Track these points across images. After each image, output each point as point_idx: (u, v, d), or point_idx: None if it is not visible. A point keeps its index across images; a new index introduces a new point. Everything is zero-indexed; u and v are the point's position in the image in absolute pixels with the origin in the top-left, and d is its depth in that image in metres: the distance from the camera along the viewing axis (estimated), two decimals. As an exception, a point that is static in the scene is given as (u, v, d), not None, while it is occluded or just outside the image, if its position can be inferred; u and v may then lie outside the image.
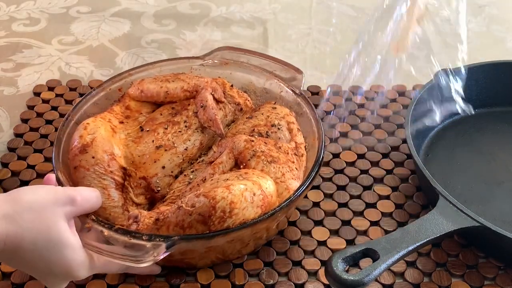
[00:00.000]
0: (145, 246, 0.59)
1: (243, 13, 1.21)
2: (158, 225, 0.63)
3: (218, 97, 0.77)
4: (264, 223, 0.64)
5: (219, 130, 0.75)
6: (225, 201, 0.61)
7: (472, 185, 0.81)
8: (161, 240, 0.60)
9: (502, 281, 0.70)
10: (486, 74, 0.92)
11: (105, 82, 0.82)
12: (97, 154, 0.69)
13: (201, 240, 0.62)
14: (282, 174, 0.69)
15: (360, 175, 0.83)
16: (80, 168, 0.69)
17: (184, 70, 0.84)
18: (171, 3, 1.23)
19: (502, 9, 1.26)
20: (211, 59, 0.85)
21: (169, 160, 0.73)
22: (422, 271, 0.71)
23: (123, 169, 0.71)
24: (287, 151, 0.72)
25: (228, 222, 0.62)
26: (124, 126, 0.76)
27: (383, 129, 0.91)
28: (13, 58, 1.05)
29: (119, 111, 0.78)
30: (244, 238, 0.67)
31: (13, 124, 0.90)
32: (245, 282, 0.69)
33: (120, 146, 0.73)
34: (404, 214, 0.78)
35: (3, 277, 0.69)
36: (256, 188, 0.64)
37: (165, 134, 0.74)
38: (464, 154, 0.86)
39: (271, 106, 0.79)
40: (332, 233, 0.75)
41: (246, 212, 0.63)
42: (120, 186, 0.70)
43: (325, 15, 1.22)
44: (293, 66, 0.83)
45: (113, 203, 0.69)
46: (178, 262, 0.69)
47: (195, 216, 0.62)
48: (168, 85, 0.79)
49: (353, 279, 0.58)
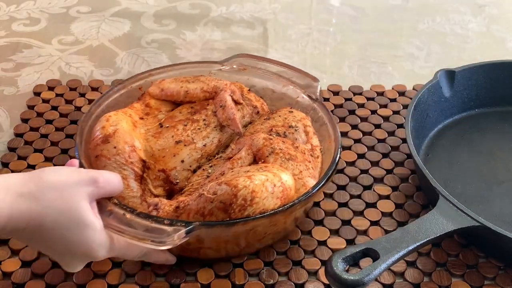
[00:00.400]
0: (166, 230, 0.61)
1: (243, 13, 1.21)
2: (178, 212, 0.65)
3: (237, 99, 0.80)
4: (283, 214, 0.66)
5: (238, 128, 0.77)
6: (247, 190, 0.63)
7: (472, 185, 0.81)
8: (182, 225, 0.61)
9: (502, 281, 0.70)
10: (486, 74, 0.92)
11: (126, 80, 0.84)
12: (118, 145, 0.71)
13: (221, 227, 0.63)
14: (300, 171, 0.70)
15: (360, 175, 0.83)
16: (102, 158, 0.71)
17: (203, 73, 0.85)
18: (171, 3, 1.23)
19: (502, 9, 1.26)
20: (230, 65, 0.87)
21: (188, 155, 0.74)
22: (422, 271, 0.71)
23: (143, 162, 0.73)
24: (304, 151, 0.74)
25: (249, 211, 0.63)
26: (144, 122, 0.78)
27: (383, 129, 0.91)
28: (13, 58, 1.05)
29: (139, 108, 0.80)
30: (262, 230, 0.68)
31: (13, 124, 0.90)
32: (245, 282, 0.69)
33: (140, 139, 0.75)
34: (404, 214, 0.78)
35: (4, 277, 0.69)
36: (276, 179, 0.65)
37: (185, 131, 0.76)
38: (464, 154, 0.86)
39: (288, 110, 0.81)
40: (332, 233, 0.75)
41: (266, 202, 0.64)
42: (139, 178, 0.72)
43: (325, 15, 1.22)
44: (309, 74, 0.85)
45: (132, 193, 0.70)
46: (195, 252, 0.69)
47: (216, 204, 0.63)
48: (188, 85, 0.81)
49: (353, 279, 0.58)
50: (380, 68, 1.07)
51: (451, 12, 1.24)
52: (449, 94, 0.90)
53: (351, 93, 0.98)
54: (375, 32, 1.17)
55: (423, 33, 1.17)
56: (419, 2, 1.27)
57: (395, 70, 1.07)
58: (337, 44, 1.13)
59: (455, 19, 1.22)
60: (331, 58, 1.09)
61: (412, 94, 0.97)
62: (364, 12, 1.23)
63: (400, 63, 1.09)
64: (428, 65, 1.08)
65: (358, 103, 0.95)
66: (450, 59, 1.11)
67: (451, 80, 0.90)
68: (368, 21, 1.20)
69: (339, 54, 1.10)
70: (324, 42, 1.14)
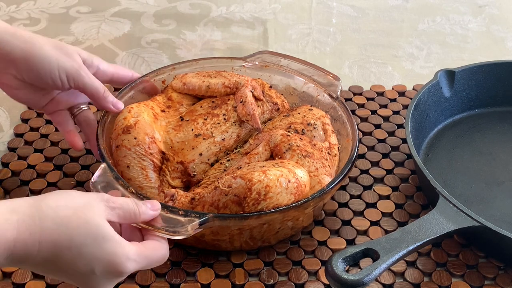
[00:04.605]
0: (180, 220, 0.62)
1: (243, 13, 1.21)
2: (193, 204, 0.66)
3: (257, 95, 0.80)
4: (296, 210, 0.66)
5: (257, 124, 0.77)
6: (261, 184, 0.64)
7: (472, 185, 0.81)
8: (196, 216, 0.62)
9: (502, 281, 0.70)
10: (486, 74, 0.92)
11: (150, 73, 0.85)
12: (139, 136, 0.72)
13: (234, 220, 0.64)
14: (316, 168, 0.71)
15: (360, 175, 0.83)
16: (122, 147, 0.72)
17: (225, 69, 0.86)
18: (171, 3, 1.23)
19: (502, 9, 1.26)
20: (252, 61, 0.87)
21: (206, 148, 0.75)
22: (422, 271, 0.71)
23: (162, 153, 0.74)
24: (321, 149, 0.74)
25: (262, 205, 0.64)
26: (165, 114, 0.79)
27: (383, 129, 0.91)
28: (13, 58, 1.05)
29: (161, 100, 0.81)
30: (275, 224, 0.68)
31: (13, 124, 0.90)
32: (245, 282, 0.69)
33: (161, 131, 0.76)
34: (404, 214, 0.78)
35: (4, 277, 0.69)
36: (291, 175, 0.66)
37: (204, 124, 0.77)
38: (464, 154, 0.86)
39: (308, 107, 0.81)
40: (332, 233, 0.75)
41: (280, 197, 0.65)
42: (157, 169, 0.73)
43: (325, 15, 1.22)
44: (330, 73, 0.85)
45: (150, 184, 0.72)
46: (209, 244, 0.70)
47: (231, 197, 0.64)
48: (210, 80, 0.82)
49: (353, 279, 0.59)
50: (380, 68, 1.07)
51: (451, 12, 1.24)
52: (449, 94, 0.90)
53: (351, 93, 0.98)
54: (375, 32, 1.17)
55: (423, 33, 1.17)
56: (419, 2, 1.27)
57: (395, 70, 1.07)
58: (337, 44, 1.14)
59: (455, 19, 1.22)
60: (331, 58, 1.09)
61: (412, 94, 0.98)
62: (364, 12, 1.23)
63: (400, 63, 1.09)
64: (428, 65, 1.08)
65: (358, 103, 0.95)
66: (450, 59, 1.11)
67: (451, 80, 0.90)
68: (368, 21, 1.20)
69: (339, 54, 1.10)
70: (324, 42, 1.14)
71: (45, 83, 0.72)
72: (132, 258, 0.55)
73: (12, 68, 0.70)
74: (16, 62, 0.70)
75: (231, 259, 0.71)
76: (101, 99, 0.74)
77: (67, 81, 0.72)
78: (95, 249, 0.53)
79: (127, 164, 0.72)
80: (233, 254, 0.72)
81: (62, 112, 0.78)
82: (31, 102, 0.76)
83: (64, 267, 0.53)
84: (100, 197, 0.56)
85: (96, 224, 0.54)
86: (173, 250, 0.72)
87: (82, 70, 0.72)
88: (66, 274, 0.55)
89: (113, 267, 0.54)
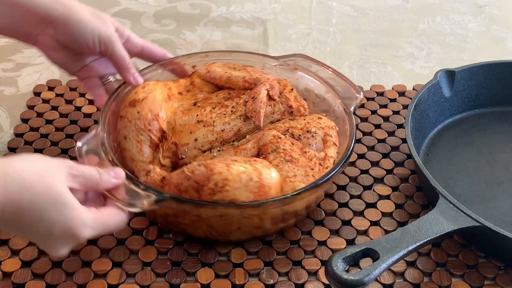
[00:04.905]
0: (139, 194, 0.64)
1: (243, 13, 1.21)
2: (163, 183, 0.68)
3: (272, 95, 0.80)
4: (254, 210, 0.66)
5: (259, 121, 0.77)
6: (221, 176, 0.65)
7: (472, 185, 0.81)
8: (154, 193, 0.64)
9: (502, 281, 0.70)
10: (486, 74, 0.92)
11: (182, 56, 0.87)
12: (142, 111, 0.75)
13: (188, 205, 0.66)
14: (294, 175, 0.70)
15: (360, 175, 0.83)
16: (124, 119, 0.76)
17: (257, 65, 0.87)
18: (171, 3, 1.23)
19: (502, 9, 1.26)
20: (285, 62, 0.87)
21: (203, 135, 0.76)
22: (422, 271, 0.71)
23: (163, 132, 0.76)
24: (311, 158, 0.73)
25: (218, 196, 0.65)
26: (181, 97, 0.82)
27: (383, 129, 0.91)
28: (13, 58, 1.05)
29: (183, 83, 0.84)
30: (233, 219, 0.69)
31: (13, 124, 0.90)
32: (245, 282, 0.69)
33: (169, 112, 0.78)
34: (404, 214, 0.78)
35: (4, 277, 0.69)
36: (255, 174, 0.66)
37: (210, 113, 0.78)
38: (464, 154, 0.86)
39: (318, 116, 0.80)
40: (332, 233, 0.75)
41: (238, 193, 0.65)
42: (154, 145, 0.76)
43: (325, 15, 1.22)
44: (355, 86, 0.83)
45: (142, 158, 0.74)
46: (175, 226, 0.73)
47: (191, 182, 0.66)
48: (232, 72, 0.83)
49: (353, 279, 0.59)
50: (380, 68, 1.07)
51: (451, 12, 1.24)
52: (449, 94, 0.90)
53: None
54: (375, 32, 1.17)
55: (423, 33, 1.17)
56: (419, 2, 1.27)
57: (395, 70, 1.07)
58: (337, 44, 1.14)
59: (455, 19, 1.22)
60: (331, 58, 1.09)
61: (412, 94, 0.98)
62: (364, 12, 1.23)
63: (400, 63, 1.09)
64: (428, 65, 1.08)
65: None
66: (450, 59, 1.11)
67: (451, 80, 0.90)
68: (368, 21, 1.20)
69: (339, 54, 1.10)
70: (324, 42, 1.14)
71: (79, 46, 0.77)
72: (89, 224, 0.58)
73: (51, 29, 0.75)
74: (55, 24, 0.75)
75: (231, 259, 0.71)
76: (124, 69, 0.80)
77: (98, 45, 0.77)
78: (55, 215, 0.56)
79: (125, 135, 0.75)
80: (233, 254, 0.72)
81: (94, 78, 0.83)
82: (66, 66, 0.81)
83: (25, 228, 0.57)
84: (64, 164, 0.59)
85: (57, 191, 0.56)
86: (173, 250, 0.72)
87: (113, 37, 0.77)
88: (26, 234, 0.59)
89: (70, 232, 0.57)
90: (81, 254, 0.71)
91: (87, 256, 0.71)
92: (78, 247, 0.71)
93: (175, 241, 0.73)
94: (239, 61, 0.87)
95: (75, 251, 0.71)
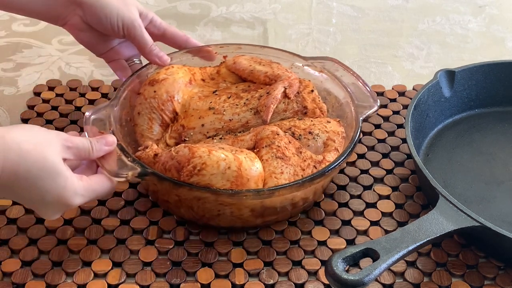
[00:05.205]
0: (126, 164, 0.68)
1: (243, 13, 1.21)
2: (155, 159, 0.71)
3: (288, 93, 0.80)
4: (228, 197, 0.68)
5: (266, 116, 0.78)
6: (200, 160, 0.67)
7: (472, 185, 0.82)
8: (139, 166, 0.68)
9: (502, 281, 0.70)
10: (486, 74, 0.92)
11: (215, 45, 0.90)
12: (159, 91, 0.79)
13: (167, 183, 0.68)
14: (281, 172, 0.70)
15: (360, 175, 0.83)
16: (141, 95, 0.79)
17: (286, 63, 0.87)
18: (171, 3, 1.23)
19: (502, 9, 1.26)
20: (312, 64, 0.88)
21: (211, 122, 0.78)
22: (422, 271, 0.71)
23: (175, 113, 0.79)
24: (306, 159, 0.73)
25: (194, 179, 0.67)
26: (203, 83, 0.84)
27: (383, 129, 0.91)
28: (13, 58, 1.05)
29: (209, 71, 0.86)
30: (210, 204, 0.70)
31: (13, 124, 0.90)
32: (245, 282, 0.69)
33: (186, 95, 0.80)
34: (404, 214, 0.78)
35: (3, 277, 0.69)
36: (234, 164, 0.67)
37: (224, 102, 0.79)
38: (464, 154, 0.86)
39: (327, 119, 0.80)
40: (332, 233, 0.75)
41: (214, 179, 0.67)
42: (165, 125, 0.79)
43: (325, 15, 1.22)
44: (374, 94, 0.82)
45: (151, 135, 0.78)
46: (161, 202, 0.77)
47: (174, 162, 0.68)
48: (256, 66, 0.84)
49: (353, 279, 0.59)
50: (380, 68, 1.07)
51: (451, 12, 1.24)
52: (449, 94, 0.90)
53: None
54: (375, 32, 1.17)
55: (423, 33, 1.17)
56: (419, 2, 1.27)
57: (395, 70, 1.07)
58: (337, 44, 1.14)
59: (455, 19, 1.22)
60: (331, 58, 1.09)
61: (412, 94, 0.98)
62: (364, 12, 1.23)
63: (400, 63, 1.09)
64: (428, 65, 1.08)
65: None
66: (450, 59, 1.11)
67: (451, 80, 0.90)
68: (368, 21, 1.20)
69: (339, 54, 1.10)
70: (324, 42, 1.14)
71: (104, 28, 0.81)
72: (80, 193, 0.63)
73: (79, 10, 0.80)
74: (83, 6, 0.80)
75: (231, 259, 0.71)
76: (147, 52, 0.83)
77: (122, 29, 0.81)
78: (48, 183, 0.60)
79: (139, 111, 0.79)
80: (233, 254, 0.72)
81: (120, 60, 0.87)
82: (93, 47, 0.86)
83: (19, 193, 0.61)
84: (59, 136, 0.63)
85: (52, 161, 0.60)
86: (173, 250, 0.72)
87: (136, 22, 0.81)
88: (20, 198, 0.63)
89: (62, 200, 0.62)
90: (81, 254, 0.71)
91: (87, 256, 0.71)
92: (78, 247, 0.71)
93: (175, 241, 0.73)
94: (269, 57, 0.88)
95: (75, 251, 0.71)
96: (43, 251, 0.71)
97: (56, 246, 0.72)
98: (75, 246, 0.72)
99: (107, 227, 0.74)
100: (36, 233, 0.73)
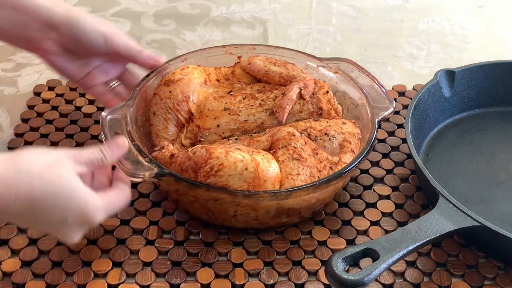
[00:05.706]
0: (143, 164, 0.68)
1: (243, 13, 1.21)
2: (172, 160, 0.71)
3: (303, 94, 0.80)
4: (245, 198, 0.67)
5: (282, 117, 0.78)
6: (218, 161, 0.67)
7: (472, 185, 0.82)
8: (156, 166, 0.68)
9: (502, 281, 0.70)
10: (486, 74, 0.92)
11: (229, 46, 0.90)
12: (174, 91, 0.79)
13: (184, 183, 0.68)
14: (298, 173, 0.70)
15: (360, 175, 0.83)
16: (156, 96, 0.80)
17: (301, 64, 0.87)
18: (171, 3, 1.23)
19: (502, 9, 1.26)
20: (328, 65, 0.88)
21: (226, 123, 0.78)
22: (422, 271, 0.71)
23: (191, 114, 0.80)
24: (322, 160, 0.73)
25: (211, 180, 0.67)
26: (218, 84, 0.84)
27: (383, 129, 0.91)
28: (13, 58, 1.05)
29: (224, 72, 0.86)
30: (227, 205, 0.70)
31: (13, 124, 0.90)
32: (245, 282, 0.69)
33: (201, 96, 0.81)
34: (404, 214, 0.78)
35: (3, 277, 0.69)
36: (251, 165, 0.67)
37: (239, 102, 0.80)
38: (464, 154, 0.86)
39: (342, 121, 0.79)
40: (332, 233, 0.75)
41: (231, 180, 0.67)
42: (180, 125, 0.80)
43: (325, 15, 1.22)
44: (390, 97, 0.82)
45: (166, 135, 0.79)
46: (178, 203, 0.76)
47: (191, 163, 0.68)
48: (271, 67, 0.84)
49: (353, 279, 0.59)
50: (380, 68, 1.07)
51: (451, 12, 1.24)
52: (449, 94, 0.90)
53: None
54: (375, 32, 1.17)
55: (423, 33, 1.17)
56: (419, 2, 1.27)
57: (395, 70, 1.07)
58: (337, 44, 1.14)
59: (455, 19, 1.22)
60: (331, 58, 1.09)
61: (412, 94, 0.98)
62: (364, 12, 1.23)
63: (400, 63, 1.09)
64: (428, 65, 1.08)
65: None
66: (450, 59, 1.11)
67: (451, 80, 0.90)
68: (368, 21, 1.20)
69: (339, 54, 1.10)
70: (324, 42, 1.14)
71: (83, 48, 0.77)
72: (101, 208, 0.60)
73: (53, 33, 0.76)
74: (59, 27, 0.75)
75: (231, 259, 0.71)
76: (137, 56, 0.80)
77: (104, 43, 0.77)
78: (69, 200, 0.58)
79: (154, 111, 0.79)
80: (233, 254, 0.72)
81: (99, 85, 0.83)
82: (69, 72, 0.80)
83: (39, 217, 0.58)
84: (69, 153, 0.60)
85: (67, 176, 0.58)
86: (173, 250, 0.72)
87: (116, 33, 0.78)
88: (39, 224, 0.60)
89: (85, 217, 0.59)
90: (81, 254, 0.71)
91: (87, 256, 0.71)
92: (78, 247, 0.71)
93: (175, 241, 0.73)
94: (284, 58, 0.88)
95: (75, 251, 0.71)
96: (43, 251, 0.71)
97: (56, 246, 0.72)
98: (75, 246, 0.71)
99: (107, 227, 0.74)
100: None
